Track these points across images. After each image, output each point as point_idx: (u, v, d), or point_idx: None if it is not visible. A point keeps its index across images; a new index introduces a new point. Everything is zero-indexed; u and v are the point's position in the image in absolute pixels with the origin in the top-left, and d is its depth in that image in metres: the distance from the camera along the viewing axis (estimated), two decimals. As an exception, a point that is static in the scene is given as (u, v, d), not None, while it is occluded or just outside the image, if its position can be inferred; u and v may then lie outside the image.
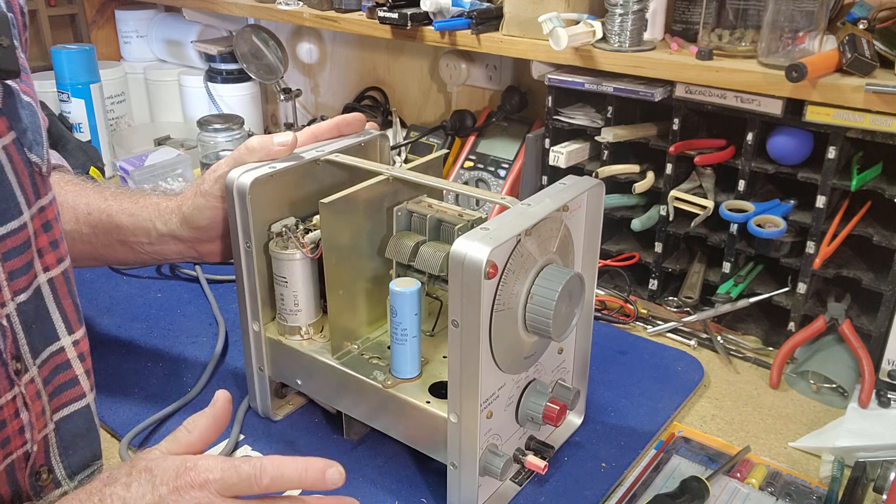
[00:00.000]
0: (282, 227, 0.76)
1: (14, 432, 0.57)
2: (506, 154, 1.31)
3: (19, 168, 0.56)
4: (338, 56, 1.63)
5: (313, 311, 0.79)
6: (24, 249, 0.56)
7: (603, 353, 0.95)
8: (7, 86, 0.55)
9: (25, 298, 0.57)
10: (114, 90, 1.62)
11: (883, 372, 0.90)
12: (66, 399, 0.63)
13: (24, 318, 0.57)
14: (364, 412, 0.76)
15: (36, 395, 0.58)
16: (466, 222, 0.73)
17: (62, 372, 0.62)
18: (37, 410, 0.58)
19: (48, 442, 0.61)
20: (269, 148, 0.75)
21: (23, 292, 0.57)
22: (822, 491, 0.75)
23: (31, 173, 0.57)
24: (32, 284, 0.58)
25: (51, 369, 0.60)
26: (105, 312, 1.04)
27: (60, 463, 0.62)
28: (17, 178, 0.56)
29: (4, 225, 0.54)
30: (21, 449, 0.57)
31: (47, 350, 0.60)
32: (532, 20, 1.06)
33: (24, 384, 0.57)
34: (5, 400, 0.55)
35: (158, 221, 0.80)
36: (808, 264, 0.95)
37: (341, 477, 0.56)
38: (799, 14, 0.91)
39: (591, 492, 0.74)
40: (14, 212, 0.55)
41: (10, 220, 0.55)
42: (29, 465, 0.58)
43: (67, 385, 0.63)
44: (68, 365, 0.62)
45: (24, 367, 0.57)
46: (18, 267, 0.56)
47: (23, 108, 0.57)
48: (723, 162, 1.00)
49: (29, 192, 0.57)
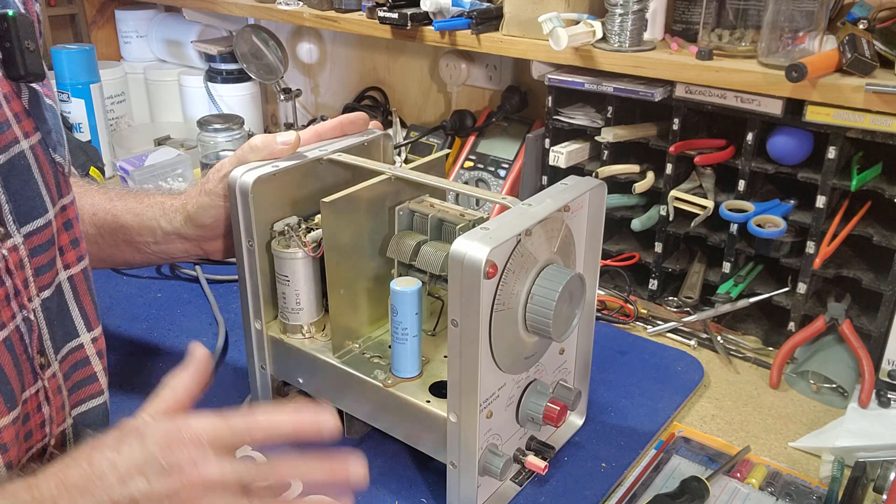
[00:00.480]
0: (284, 226, 0.76)
1: (36, 426, 0.58)
2: (506, 154, 1.31)
3: (45, 168, 0.58)
4: (338, 56, 1.63)
5: (315, 310, 0.79)
6: (48, 247, 0.58)
7: (603, 353, 0.95)
8: (32, 88, 0.58)
9: (49, 294, 0.59)
10: (114, 90, 1.62)
11: (883, 372, 0.90)
12: (85, 395, 0.64)
13: (47, 314, 0.59)
14: (364, 411, 0.76)
15: (57, 390, 0.60)
16: (468, 222, 0.73)
17: (81, 368, 0.63)
18: (57, 405, 0.60)
19: (66, 437, 0.62)
20: (273, 147, 0.76)
21: (47, 288, 0.59)
22: (822, 491, 0.75)
23: (55, 173, 0.60)
24: (55, 281, 0.60)
25: (70, 365, 0.62)
26: (105, 312, 1.04)
27: None
28: (43, 178, 0.58)
29: (32, 222, 0.56)
30: (40, 443, 0.59)
31: (67, 346, 0.62)
32: (532, 20, 1.06)
33: (48, 378, 0.59)
34: (29, 393, 0.57)
35: (163, 220, 0.80)
36: (808, 264, 0.95)
37: (336, 424, 0.55)
38: (799, 14, 0.91)
39: (591, 492, 0.74)
40: (41, 210, 0.57)
41: (36, 218, 0.57)
42: (45, 461, 0.59)
43: (86, 381, 0.64)
44: (87, 361, 0.64)
45: (48, 361, 0.59)
46: (44, 264, 0.58)
47: (46, 111, 0.59)
48: (723, 162, 1.00)
49: (53, 191, 0.59)
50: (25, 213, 0.56)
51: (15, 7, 0.56)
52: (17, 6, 0.56)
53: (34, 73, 0.56)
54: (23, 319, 0.56)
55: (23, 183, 0.56)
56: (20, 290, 0.55)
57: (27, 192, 0.56)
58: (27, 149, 0.56)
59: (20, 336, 0.55)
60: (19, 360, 0.55)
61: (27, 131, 0.57)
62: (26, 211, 0.56)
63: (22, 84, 0.57)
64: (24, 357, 0.56)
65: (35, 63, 0.56)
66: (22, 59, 0.55)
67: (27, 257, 0.56)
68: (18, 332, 0.55)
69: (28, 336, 0.56)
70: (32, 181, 0.57)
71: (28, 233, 0.56)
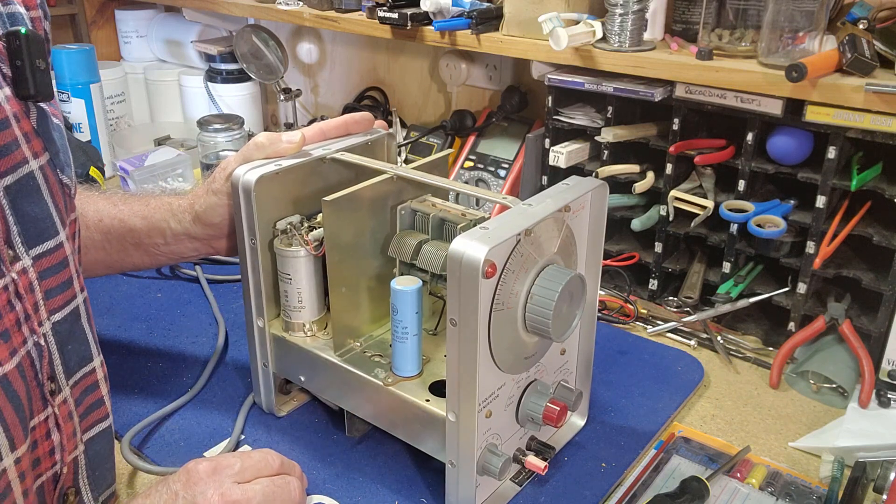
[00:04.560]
0: (286, 225, 0.77)
1: (45, 453, 0.57)
2: (506, 154, 1.31)
3: (54, 189, 0.57)
4: (338, 56, 1.63)
5: (317, 308, 0.79)
6: (60, 268, 0.57)
7: (603, 353, 0.95)
8: (40, 108, 0.56)
9: (61, 318, 0.57)
10: (114, 90, 1.62)
11: (883, 372, 0.90)
12: (93, 420, 0.63)
13: (59, 338, 0.57)
14: (365, 410, 0.76)
15: (68, 416, 0.59)
16: (469, 222, 0.73)
17: (91, 392, 0.62)
18: (68, 432, 0.59)
19: (78, 463, 0.61)
20: (277, 145, 0.76)
21: (58, 311, 0.57)
22: (822, 491, 0.75)
23: (63, 194, 0.58)
24: (70, 304, 0.58)
25: (82, 390, 0.61)
26: (105, 312, 1.04)
27: (87, 484, 0.62)
28: (53, 199, 0.57)
29: (42, 244, 0.55)
30: (51, 470, 0.58)
31: (81, 371, 0.60)
32: (532, 20, 1.06)
33: (58, 405, 0.57)
34: (38, 420, 0.55)
35: (173, 221, 0.80)
36: (808, 264, 0.95)
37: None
38: (799, 14, 0.91)
39: (591, 492, 0.74)
40: (51, 231, 0.56)
41: (47, 240, 0.56)
42: (58, 488, 0.59)
43: (95, 406, 0.63)
44: (97, 385, 0.63)
45: (58, 387, 0.57)
46: (55, 286, 0.56)
47: (54, 130, 0.58)
48: (723, 162, 1.00)
49: (63, 212, 0.58)
50: (35, 236, 0.55)
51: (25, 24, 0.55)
52: (26, 23, 0.55)
53: (44, 93, 0.54)
54: (34, 344, 0.54)
55: (32, 204, 0.54)
56: (30, 314, 0.54)
57: (37, 214, 0.55)
58: (36, 169, 0.55)
59: (31, 362, 0.54)
60: (29, 388, 0.53)
61: (36, 151, 0.55)
62: (36, 233, 0.55)
63: (30, 103, 0.55)
64: (35, 384, 0.54)
65: (45, 82, 0.54)
66: (32, 78, 0.53)
67: (37, 280, 0.55)
68: (29, 358, 0.54)
69: (38, 362, 0.55)
70: (42, 202, 0.55)
71: (37, 255, 0.55)
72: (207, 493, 0.58)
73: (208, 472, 0.60)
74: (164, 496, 0.58)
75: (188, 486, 0.59)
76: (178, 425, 0.83)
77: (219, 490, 0.58)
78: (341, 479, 0.75)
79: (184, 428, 0.82)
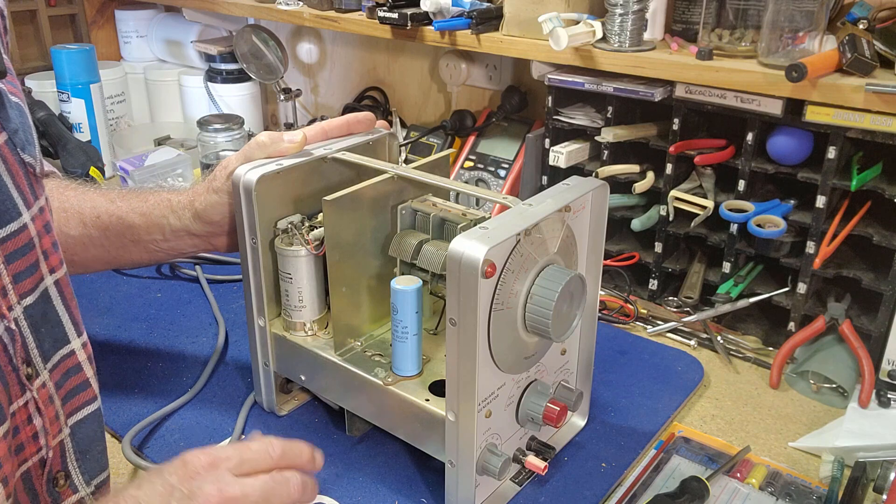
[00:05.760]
0: (287, 224, 0.77)
1: (28, 438, 0.56)
2: (506, 154, 1.31)
3: (14, 169, 0.55)
4: (338, 56, 1.63)
5: (317, 308, 0.79)
6: (27, 251, 0.56)
7: (603, 353, 0.95)
8: None
9: (32, 301, 0.56)
10: (114, 90, 1.62)
11: (883, 372, 0.90)
12: (80, 402, 0.62)
13: (31, 322, 0.56)
14: (365, 409, 0.76)
15: (49, 400, 0.58)
16: (469, 221, 0.73)
17: (74, 375, 0.61)
18: (50, 415, 0.58)
19: (64, 447, 0.60)
20: (279, 144, 0.76)
21: (29, 295, 0.56)
22: (822, 491, 0.75)
23: (26, 174, 0.56)
24: (39, 287, 0.57)
25: (62, 373, 0.60)
26: (105, 312, 1.04)
27: (77, 468, 0.61)
28: (13, 179, 0.55)
29: (5, 227, 0.53)
30: (36, 455, 0.57)
31: (58, 353, 0.60)
32: (532, 20, 1.06)
33: (37, 389, 0.56)
34: (17, 406, 0.55)
35: (172, 217, 0.80)
36: (808, 264, 0.95)
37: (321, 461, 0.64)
38: (799, 14, 0.91)
39: (591, 492, 0.74)
40: (13, 213, 0.54)
41: (9, 222, 0.54)
42: (45, 472, 0.58)
43: (80, 388, 0.62)
44: (79, 368, 0.62)
45: (36, 371, 0.57)
46: (23, 269, 0.55)
47: (12, 109, 0.56)
48: (723, 162, 1.00)
49: (27, 193, 0.56)
50: None
51: None
52: None
53: None
54: (5, 329, 0.53)
55: None
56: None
57: None
58: None
59: (3, 347, 0.53)
60: (4, 373, 0.53)
61: None
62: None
63: None
64: (10, 369, 0.53)
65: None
66: None
67: (3, 263, 0.53)
68: (1, 343, 0.53)
69: (11, 346, 0.54)
70: (1, 183, 0.53)
71: (1, 238, 0.53)
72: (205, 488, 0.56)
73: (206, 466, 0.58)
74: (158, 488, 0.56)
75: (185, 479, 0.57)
76: (179, 425, 0.83)
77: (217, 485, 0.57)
78: (341, 479, 0.75)
79: (184, 428, 0.82)
